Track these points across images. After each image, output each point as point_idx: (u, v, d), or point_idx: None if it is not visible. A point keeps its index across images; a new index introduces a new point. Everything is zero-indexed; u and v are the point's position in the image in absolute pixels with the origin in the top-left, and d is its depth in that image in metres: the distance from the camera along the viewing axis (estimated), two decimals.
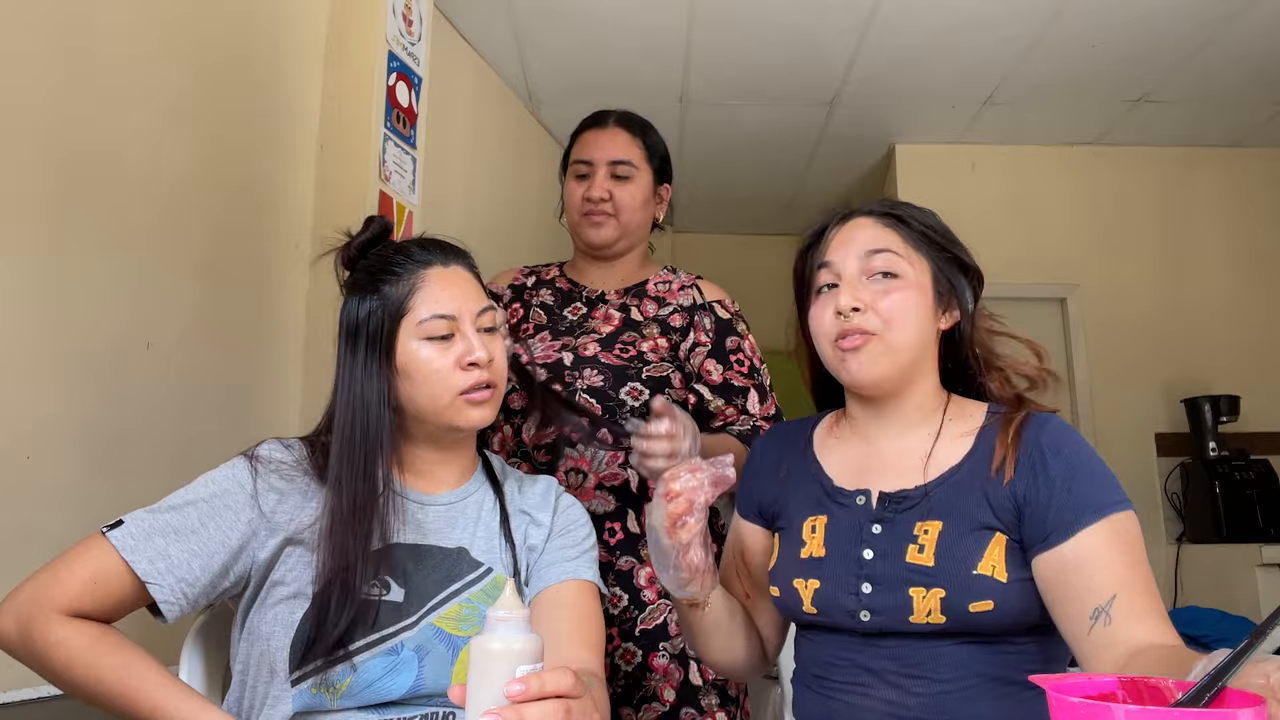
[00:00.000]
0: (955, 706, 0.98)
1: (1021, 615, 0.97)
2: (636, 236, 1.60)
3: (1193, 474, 3.52)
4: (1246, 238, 3.83)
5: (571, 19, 2.94)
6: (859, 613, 1.02)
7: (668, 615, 1.42)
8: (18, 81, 1.31)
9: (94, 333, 1.44)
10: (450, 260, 1.12)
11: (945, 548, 0.99)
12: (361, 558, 1.00)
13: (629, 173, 1.57)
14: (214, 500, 1.01)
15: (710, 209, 4.73)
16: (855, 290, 1.06)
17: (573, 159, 1.61)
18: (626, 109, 1.66)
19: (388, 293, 1.07)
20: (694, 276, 1.60)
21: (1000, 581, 0.96)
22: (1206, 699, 0.64)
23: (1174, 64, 3.21)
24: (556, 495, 1.19)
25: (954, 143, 3.91)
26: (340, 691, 0.96)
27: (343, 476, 1.03)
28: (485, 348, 1.07)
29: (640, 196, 1.58)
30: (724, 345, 1.52)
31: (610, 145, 1.57)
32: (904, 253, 1.08)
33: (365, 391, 1.06)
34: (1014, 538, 0.99)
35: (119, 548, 0.96)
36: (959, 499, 1.02)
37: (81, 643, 0.92)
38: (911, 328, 1.06)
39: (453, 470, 1.14)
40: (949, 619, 0.97)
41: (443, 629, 1.01)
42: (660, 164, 1.64)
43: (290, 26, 2.03)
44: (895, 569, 1.01)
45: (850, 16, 2.91)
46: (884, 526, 1.04)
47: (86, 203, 1.43)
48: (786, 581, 1.09)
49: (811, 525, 1.09)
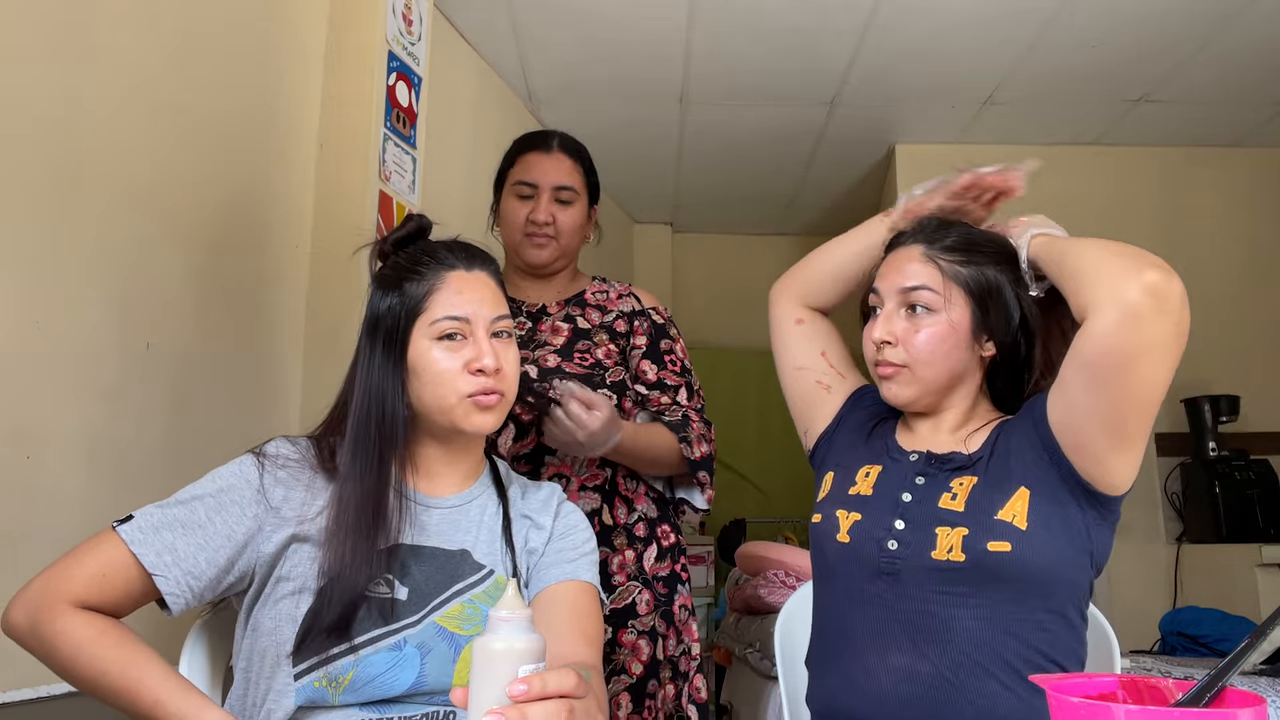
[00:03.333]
0: (965, 680, 1.04)
1: (1040, 568, 1.06)
2: (571, 256, 1.68)
3: (1192, 474, 3.51)
4: (1246, 237, 3.82)
5: (572, 19, 2.94)
6: (887, 541, 1.12)
7: (636, 595, 1.53)
8: (18, 82, 1.31)
9: (94, 333, 1.44)
10: (474, 265, 1.13)
11: (974, 498, 1.11)
12: (367, 551, 1.01)
13: (571, 198, 1.63)
14: (220, 495, 1.03)
15: (710, 209, 4.73)
16: (890, 323, 1.18)
17: (515, 178, 1.65)
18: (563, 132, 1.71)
19: (408, 290, 1.09)
20: (628, 286, 1.70)
21: (1019, 528, 1.06)
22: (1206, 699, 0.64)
23: (1174, 64, 3.21)
24: (559, 501, 1.21)
25: (954, 142, 3.91)
26: (343, 686, 0.96)
27: (355, 468, 1.05)
28: (496, 355, 1.08)
29: (579, 220, 1.65)
30: (658, 347, 1.63)
31: (555, 170, 1.63)
32: (941, 290, 1.17)
33: (382, 385, 1.08)
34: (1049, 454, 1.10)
35: (127, 541, 0.98)
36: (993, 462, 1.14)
37: (87, 634, 0.94)
38: (938, 363, 1.17)
39: (458, 473, 1.15)
40: (968, 557, 1.06)
41: (445, 627, 1.02)
42: (593, 188, 1.71)
43: (290, 26, 2.03)
44: (928, 510, 1.12)
45: (850, 17, 2.91)
46: (926, 479, 1.16)
47: (86, 203, 1.43)
48: (831, 509, 1.20)
49: (866, 471, 1.22)
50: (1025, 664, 1.05)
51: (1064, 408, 1.08)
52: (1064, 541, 1.07)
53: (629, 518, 1.56)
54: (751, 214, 4.79)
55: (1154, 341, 0.99)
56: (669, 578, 1.59)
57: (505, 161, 1.70)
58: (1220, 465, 3.39)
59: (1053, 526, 1.07)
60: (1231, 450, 3.44)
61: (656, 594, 1.56)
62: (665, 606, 1.57)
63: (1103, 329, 1.00)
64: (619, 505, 1.55)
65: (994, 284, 1.17)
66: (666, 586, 1.58)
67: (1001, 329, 1.18)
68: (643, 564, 1.55)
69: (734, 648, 3.01)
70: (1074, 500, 1.09)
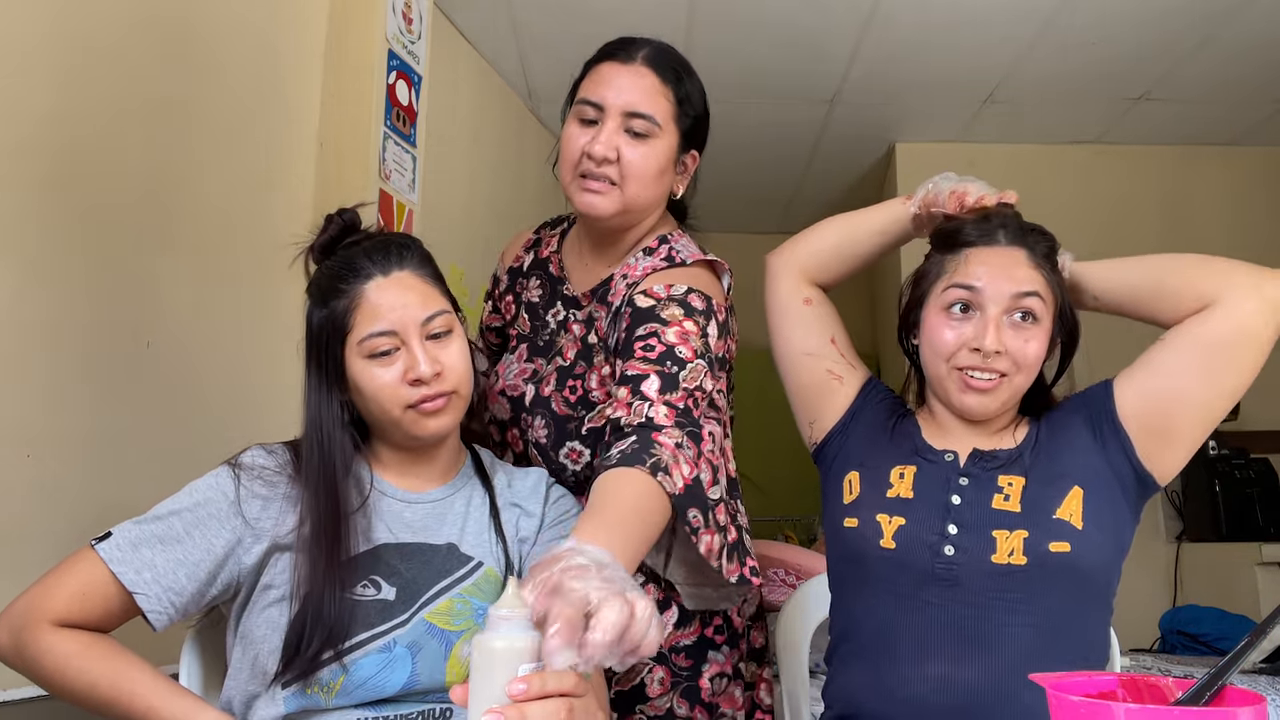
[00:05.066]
0: (1006, 687, 1.01)
1: (1094, 566, 1.06)
2: (643, 213, 1.27)
3: (1192, 472, 3.50)
4: (1247, 236, 3.81)
5: (572, 17, 2.93)
6: (943, 548, 1.07)
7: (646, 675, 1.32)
8: (17, 82, 1.31)
9: (94, 333, 1.44)
10: (392, 267, 1.06)
11: (1030, 498, 1.08)
12: (337, 567, 1.00)
13: (647, 129, 1.21)
14: (197, 510, 1.02)
15: (709, 208, 4.70)
16: (1000, 332, 1.09)
17: (580, 96, 1.25)
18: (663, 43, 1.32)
19: (334, 307, 1.06)
20: (662, 258, 1.29)
21: (1076, 528, 1.05)
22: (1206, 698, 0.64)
23: (1174, 62, 3.21)
24: (548, 486, 1.19)
25: (954, 141, 3.90)
26: (334, 690, 0.96)
27: (312, 493, 1.04)
28: (433, 360, 1.04)
29: (657, 163, 1.23)
30: (633, 335, 1.21)
31: (631, 89, 1.22)
32: (1046, 297, 1.12)
33: (323, 416, 1.07)
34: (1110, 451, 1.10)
35: (106, 559, 0.97)
36: (1038, 460, 1.12)
37: (72, 649, 0.94)
38: (1035, 372, 1.14)
39: (435, 469, 1.14)
40: (1030, 560, 1.04)
41: (435, 624, 1.02)
42: (692, 124, 1.29)
43: (290, 25, 2.03)
44: (981, 513, 1.08)
45: (850, 15, 2.91)
46: (970, 480, 1.12)
47: (86, 203, 1.43)
48: (869, 514, 1.13)
49: (900, 472, 1.15)
50: (1065, 666, 1.02)
51: (1154, 392, 1.10)
52: (1111, 538, 1.08)
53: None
54: (751, 212, 4.78)
55: (1272, 337, 1.07)
56: (694, 647, 1.24)
57: (578, 76, 1.31)
58: (1220, 464, 3.38)
59: (1104, 524, 1.08)
60: (1231, 449, 3.43)
61: (674, 669, 1.23)
62: (687, 683, 1.23)
63: (1240, 313, 1.06)
64: None
65: (1064, 285, 1.17)
66: (690, 659, 1.24)
67: (1063, 335, 1.17)
68: None
69: None
70: (1122, 495, 1.10)
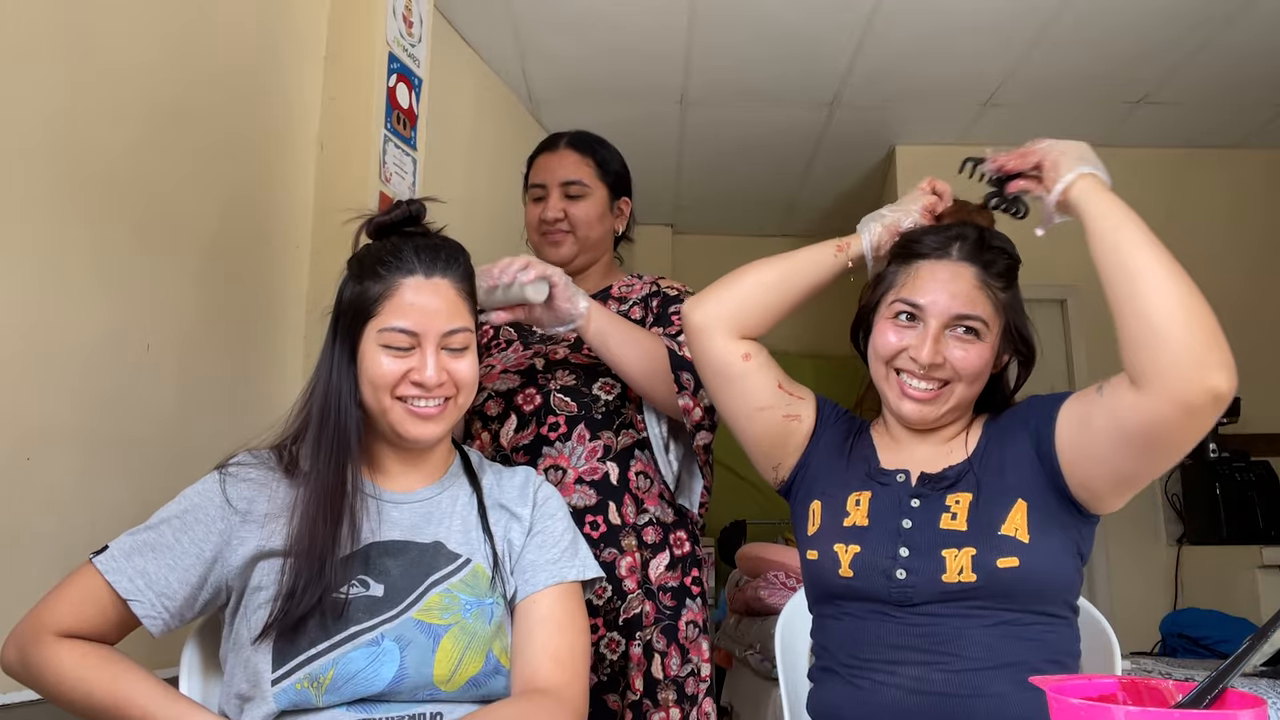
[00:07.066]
0: (977, 683, 1.04)
1: (1046, 577, 1.07)
2: (597, 250, 1.66)
3: (1193, 475, 3.51)
4: (1247, 239, 3.82)
5: (572, 20, 2.94)
6: (895, 571, 1.09)
7: (644, 606, 1.48)
8: (19, 82, 1.31)
9: (94, 334, 1.44)
10: (435, 271, 1.09)
11: (974, 515, 1.10)
12: (331, 548, 1.02)
13: (580, 191, 1.63)
14: (185, 515, 1.05)
15: (710, 210, 4.73)
16: (939, 344, 1.13)
17: (529, 183, 1.68)
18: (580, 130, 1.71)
19: (368, 288, 1.08)
20: (656, 277, 1.66)
21: (1023, 541, 1.06)
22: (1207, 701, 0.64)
23: (1174, 65, 3.21)
24: (535, 487, 1.20)
25: (954, 144, 3.90)
26: (324, 686, 0.97)
27: (316, 465, 1.06)
28: (441, 370, 1.07)
29: (595, 212, 1.64)
30: (666, 311, 1.58)
31: (560, 167, 1.64)
32: (989, 318, 1.15)
33: (338, 384, 1.09)
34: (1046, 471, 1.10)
35: (102, 570, 1.01)
36: (985, 475, 1.13)
37: (71, 659, 0.97)
38: (977, 383, 1.16)
39: (422, 470, 1.15)
40: (979, 576, 1.06)
41: (423, 620, 1.03)
42: (615, 179, 1.68)
43: (290, 27, 2.03)
44: (930, 535, 1.10)
45: (850, 18, 2.91)
46: (921, 501, 1.14)
47: (87, 204, 1.43)
48: (827, 545, 1.16)
49: (856, 499, 1.18)
50: (1034, 659, 1.07)
51: (1081, 447, 1.08)
52: (1059, 546, 1.09)
53: (638, 518, 1.50)
54: (752, 215, 4.79)
55: (1199, 431, 1.01)
56: (677, 590, 1.52)
57: (525, 171, 1.72)
58: (1221, 467, 3.38)
59: (1050, 534, 1.08)
60: (1232, 452, 3.43)
61: (660, 606, 1.50)
62: (669, 621, 1.50)
63: (1154, 413, 0.99)
64: (628, 503, 1.49)
65: (1020, 304, 1.18)
66: (674, 599, 1.51)
67: (1014, 345, 1.19)
68: (649, 572, 1.49)
69: (734, 649, 3.01)
70: (1065, 509, 1.11)
